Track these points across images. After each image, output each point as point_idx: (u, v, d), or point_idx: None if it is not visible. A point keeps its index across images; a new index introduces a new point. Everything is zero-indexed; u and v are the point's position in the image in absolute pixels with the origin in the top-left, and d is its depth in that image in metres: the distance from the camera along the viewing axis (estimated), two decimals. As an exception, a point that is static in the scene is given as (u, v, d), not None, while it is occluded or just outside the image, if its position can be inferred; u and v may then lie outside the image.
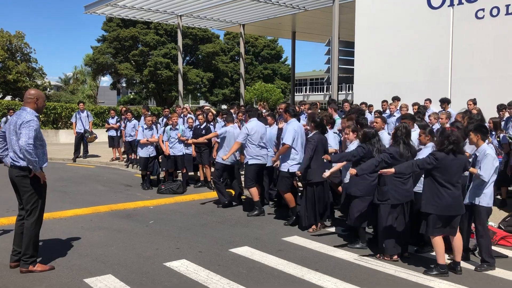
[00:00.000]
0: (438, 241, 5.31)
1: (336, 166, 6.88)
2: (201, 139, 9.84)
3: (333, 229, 7.33)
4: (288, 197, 7.54)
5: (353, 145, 6.69)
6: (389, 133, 7.27)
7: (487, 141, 5.77)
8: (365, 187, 6.15)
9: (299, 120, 8.60)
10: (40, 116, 5.39)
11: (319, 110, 10.27)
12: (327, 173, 6.52)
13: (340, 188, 7.47)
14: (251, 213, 8.14)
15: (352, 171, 5.81)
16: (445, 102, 10.51)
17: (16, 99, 30.73)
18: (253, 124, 8.28)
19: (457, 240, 5.41)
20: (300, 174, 7.01)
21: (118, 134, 14.51)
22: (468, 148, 6.32)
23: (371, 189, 6.07)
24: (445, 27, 11.99)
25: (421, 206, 5.37)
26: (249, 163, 8.15)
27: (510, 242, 6.52)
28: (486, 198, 5.53)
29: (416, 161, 5.34)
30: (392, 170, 5.34)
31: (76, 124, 15.08)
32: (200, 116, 10.71)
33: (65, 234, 6.84)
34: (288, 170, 7.41)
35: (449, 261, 5.52)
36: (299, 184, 8.42)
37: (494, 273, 5.46)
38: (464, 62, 11.69)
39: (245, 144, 8.19)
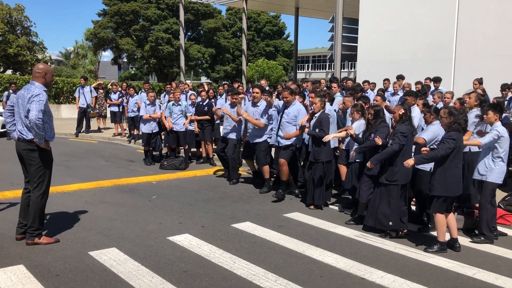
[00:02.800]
0: (442, 219, 5.39)
1: (340, 134, 7.02)
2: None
3: (334, 207, 7.41)
4: (286, 169, 7.60)
5: (357, 124, 6.77)
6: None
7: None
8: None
9: (304, 98, 8.62)
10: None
11: (325, 88, 10.22)
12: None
13: (342, 168, 7.54)
14: (262, 190, 8.19)
15: (369, 164, 5.86)
16: (437, 81, 10.54)
17: (17, 73, 30.57)
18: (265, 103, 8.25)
19: (451, 217, 5.53)
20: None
21: (120, 110, 14.52)
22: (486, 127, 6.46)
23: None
24: (451, 4, 11.84)
25: (434, 189, 5.35)
26: (267, 141, 8.16)
27: (509, 221, 6.60)
28: (495, 174, 5.66)
29: (439, 151, 5.23)
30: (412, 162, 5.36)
31: (79, 98, 15.06)
32: (203, 93, 10.69)
33: (69, 208, 6.93)
34: (296, 144, 7.64)
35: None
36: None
37: (492, 250, 5.55)
38: (469, 40, 11.58)
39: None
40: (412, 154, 5.97)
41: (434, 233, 5.77)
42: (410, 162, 5.37)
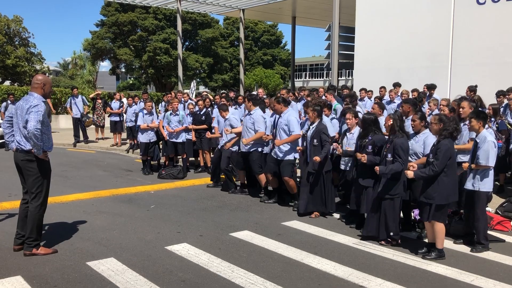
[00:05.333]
0: (442, 227, 5.40)
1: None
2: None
3: (333, 215, 7.40)
4: (293, 183, 7.65)
5: (355, 130, 6.84)
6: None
7: (486, 126, 5.81)
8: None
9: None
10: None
11: (323, 96, 10.26)
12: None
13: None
14: (268, 200, 8.16)
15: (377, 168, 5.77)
16: (432, 88, 10.56)
17: (15, 84, 30.62)
18: (261, 112, 8.30)
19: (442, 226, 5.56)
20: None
21: (121, 119, 14.56)
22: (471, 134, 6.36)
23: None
24: (446, 12, 11.94)
25: (433, 198, 5.28)
26: (258, 150, 8.20)
27: (507, 227, 6.60)
28: (487, 183, 5.62)
29: (439, 165, 5.16)
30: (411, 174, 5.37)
31: (71, 109, 15.15)
32: (200, 102, 10.73)
33: (67, 218, 6.92)
34: (294, 157, 7.63)
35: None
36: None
37: (490, 257, 5.55)
38: (464, 48, 11.67)
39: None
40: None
41: (426, 240, 5.80)
42: (410, 174, 5.34)
